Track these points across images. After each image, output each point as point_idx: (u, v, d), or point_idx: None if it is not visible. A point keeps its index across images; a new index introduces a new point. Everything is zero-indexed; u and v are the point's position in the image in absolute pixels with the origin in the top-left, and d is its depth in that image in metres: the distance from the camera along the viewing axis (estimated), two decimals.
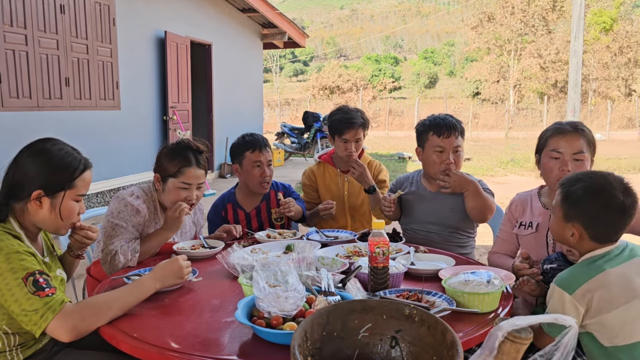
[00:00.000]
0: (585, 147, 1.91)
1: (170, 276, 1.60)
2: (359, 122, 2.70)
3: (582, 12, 12.43)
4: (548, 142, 1.96)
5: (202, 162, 2.12)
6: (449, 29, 70.28)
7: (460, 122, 2.41)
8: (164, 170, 2.09)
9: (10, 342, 1.49)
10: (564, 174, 1.84)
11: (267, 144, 2.55)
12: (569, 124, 1.96)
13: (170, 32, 7.73)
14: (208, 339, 1.34)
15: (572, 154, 1.89)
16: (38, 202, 1.52)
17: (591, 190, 1.48)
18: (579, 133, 1.91)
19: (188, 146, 2.11)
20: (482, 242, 3.91)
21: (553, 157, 1.92)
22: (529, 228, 1.99)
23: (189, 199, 2.08)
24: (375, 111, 28.08)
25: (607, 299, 1.39)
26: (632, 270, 1.43)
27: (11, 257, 1.39)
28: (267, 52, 20.47)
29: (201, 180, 2.12)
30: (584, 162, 1.90)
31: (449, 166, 2.31)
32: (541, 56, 29.64)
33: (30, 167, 1.52)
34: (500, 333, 0.91)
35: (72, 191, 1.56)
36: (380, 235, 1.59)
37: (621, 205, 1.45)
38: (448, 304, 1.46)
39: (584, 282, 1.41)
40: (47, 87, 5.45)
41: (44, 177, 1.51)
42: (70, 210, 1.57)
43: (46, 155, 1.54)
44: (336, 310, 1.12)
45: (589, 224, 1.47)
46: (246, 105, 11.03)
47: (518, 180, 9.47)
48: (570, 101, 12.90)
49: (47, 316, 1.35)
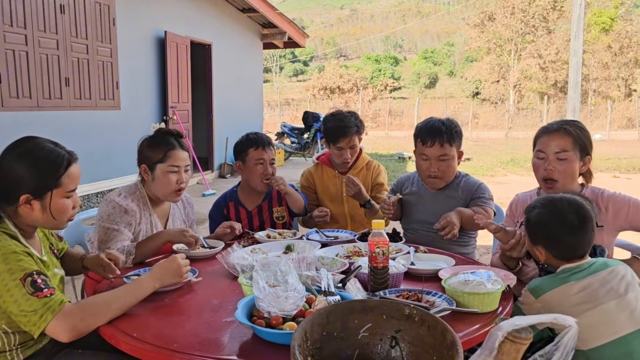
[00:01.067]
0: (570, 146, 1.89)
1: (169, 275, 1.59)
2: (352, 130, 2.68)
3: (582, 12, 12.44)
4: (537, 142, 1.99)
5: (184, 144, 2.20)
6: (449, 29, 70.27)
7: (454, 127, 2.31)
8: (150, 159, 2.13)
9: (11, 342, 1.48)
10: (547, 173, 1.90)
11: (270, 143, 2.58)
12: (557, 123, 1.97)
13: (170, 32, 7.73)
14: (208, 338, 1.34)
15: (555, 152, 1.90)
16: (28, 205, 1.50)
17: (544, 217, 1.59)
18: (563, 131, 1.91)
19: (167, 132, 2.19)
20: (482, 242, 3.90)
21: (539, 157, 1.95)
22: None
23: (180, 181, 2.14)
24: (375, 111, 28.10)
25: (566, 307, 1.50)
26: (597, 282, 1.52)
27: (9, 258, 1.39)
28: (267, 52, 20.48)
29: (187, 162, 2.19)
30: (569, 161, 1.89)
31: (433, 174, 2.31)
32: (541, 56, 29.65)
33: (13, 171, 1.49)
34: (500, 333, 0.91)
35: (59, 189, 1.53)
36: (380, 235, 1.59)
37: (572, 226, 1.55)
38: (448, 304, 1.46)
39: (547, 290, 1.54)
40: (47, 87, 5.45)
41: (29, 180, 1.49)
42: (62, 208, 1.55)
43: (28, 157, 1.50)
44: (336, 310, 1.12)
45: (550, 247, 1.60)
46: (246, 105, 11.03)
47: (518, 180, 9.46)
48: (570, 101, 12.92)
49: (46, 317, 1.35)
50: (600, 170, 10.39)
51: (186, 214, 2.42)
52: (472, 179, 2.43)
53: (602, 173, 10.08)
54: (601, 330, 1.47)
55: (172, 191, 2.15)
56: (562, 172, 1.90)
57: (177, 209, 2.37)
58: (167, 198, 2.19)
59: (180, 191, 2.18)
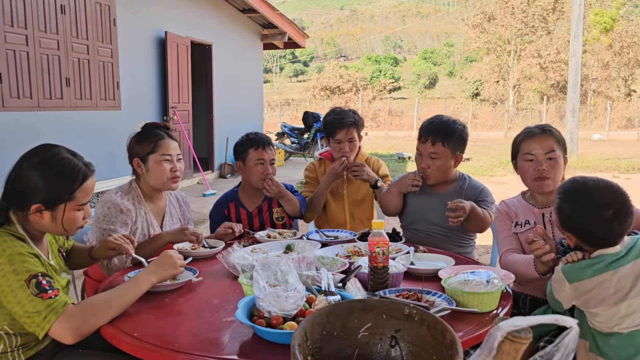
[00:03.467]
0: (556, 146, 2.00)
1: (164, 268, 1.60)
2: (349, 121, 2.68)
3: (581, 13, 12.44)
4: (521, 147, 2.05)
5: (172, 135, 2.24)
6: (448, 30, 70.24)
7: (457, 130, 2.30)
8: (141, 152, 2.17)
9: (12, 343, 1.49)
10: (539, 172, 1.97)
11: (270, 143, 2.59)
12: (537, 127, 2.07)
13: (170, 33, 7.73)
14: (208, 338, 1.34)
15: (545, 153, 1.98)
16: (39, 214, 1.50)
17: (579, 210, 1.55)
18: (547, 134, 2.01)
19: (154, 125, 2.24)
20: (482, 242, 3.91)
21: (527, 159, 2.01)
22: (526, 225, 2.01)
23: (174, 169, 2.18)
24: (375, 111, 28.10)
25: (600, 297, 1.52)
26: (635, 271, 1.51)
27: (14, 259, 1.39)
28: (267, 52, 20.46)
29: (178, 151, 2.23)
30: (557, 160, 1.98)
31: (422, 170, 2.33)
32: (541, 56, 29.65)
33: (29, 180, 1.49)
34: (499, 333, 0.91)
35: (72, 202, 1.53)
36: (380, 235, 1.59)
37: (609, 221, 1.51)
38: (448, 304, 1.46)
39: (583, 279, 1.54)
40: (47, 87, 5.45)
41: (42, 191, 1.48)
42: (72, 220, 1.55)
43: (44, 167, 1.50)
44: (336, 309, 1.12)
45: (583, 238, 1.57)
46: (246, 105, 11.03)
47: (517, 180, 9.37)
48: (569, 101, 12.91)
49: (50, 318, 1.35)
50: (599, 170, 10.38)
51: (182, 213, 2.43)
52: (475, 182, 2.43)
53: (601, 173, 10.06)
54: (625, 321, 1.51)
55: (167, 179, 2.17)
56: (553, 171, 1.98)
57: (173, 208, 2.38)
58: (164, 187, 2.21)
59: (176, 179, 2.20)
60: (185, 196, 2.51)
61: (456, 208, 2.11)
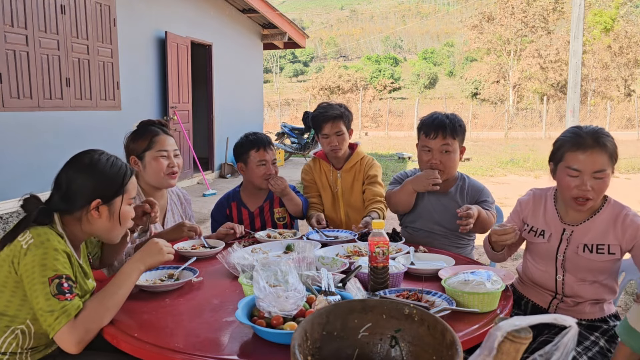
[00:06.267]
0: (607, 163, 1.72)
1: (150, 255, 1.58)
2: (334, 114, 2.65)
3: (581, 13, 12.44)
4: (565, 157, 1.78)
5: (168, 131, 2.24)
6: (448, 30, 70.26)
7: (458, 121, 2.33)
8: (137, 150, 2.17)
9: (25, 344, 1.51)
10: (582, 193, 1.73)
11: (270, 142, 2.58)
12: (590, 135, 1.75)
13: (170, 33, 7.74)
14: (208, 338, 1.34)
15: (593, 172, 1.72)
16: (97, 212, 1.56)
17: None
18: (600, 148, 1.72)
19: (148, 123, 2.24)
20: (481, 243, 3.90)
21: (571, 175, 1.75)
22: (539, 236, 1.90)
23: (172, 165, 2.18)
24: (375, 111, 28.10)
25: None
26: None
27: (48, 254, 1.42)
28: (267, 52, 20.46)
29: (175, 147, 2.24)
30: (605, 180, 1.73)
31: (435, 166, 2.30)
32: (541, 56, 29.65)
33: (83, 180, 1.56)
34: (499, 333, 0.91)
35: (126, 195, 1.63)
36: (380, 235, 1.59)
37: None
38: (448, 304, 1.46)
39: None
40: (47, 87, 5.45)
41: (99, 187, 1.57)
42: (127, 214, 1.64)
43: (96, 166, 1.59)
44: (336, 309, 1.12)
45: None
46: (246, 105, 11.03)
47: (517, 180, 9.46)
48: (569, 101, 12.91)
49: (61, 320, 1.37)
50: None
51: (183, 210, 2.44)
52: (475, 182, 2.43)
53: None
54: None
55: (165, 175, 2.17)
56: (598, 191, 1.74)
57: (175, 206, 2.38)
58: (162, 183, 2.20)
59: (174, 175, 2.19)
60: (187, 193, 2.51)
61: (467, 216, 2.09)
